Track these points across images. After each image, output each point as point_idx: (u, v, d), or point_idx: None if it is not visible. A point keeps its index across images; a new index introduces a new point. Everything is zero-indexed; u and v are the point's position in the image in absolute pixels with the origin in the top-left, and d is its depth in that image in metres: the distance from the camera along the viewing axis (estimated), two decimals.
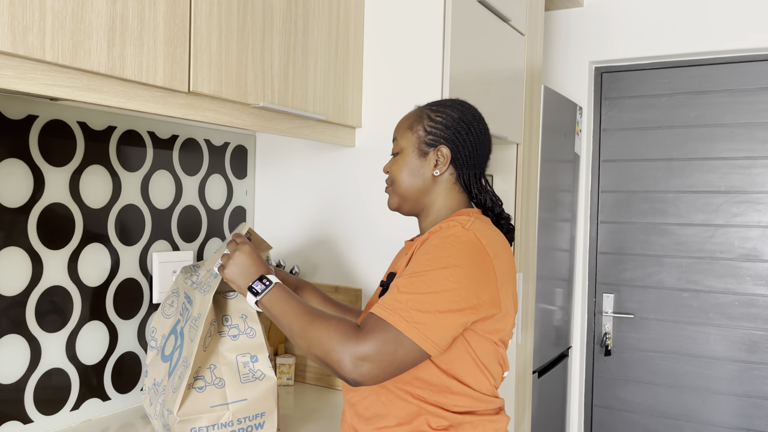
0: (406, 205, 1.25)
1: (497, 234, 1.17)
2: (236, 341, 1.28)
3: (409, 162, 1.23)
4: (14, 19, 0.92)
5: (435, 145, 1.21)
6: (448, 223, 1.14)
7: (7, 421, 1.32)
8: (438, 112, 1.23)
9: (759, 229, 2.71)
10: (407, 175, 1.23)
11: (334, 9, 1.64)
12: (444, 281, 1.03)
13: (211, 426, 1.24)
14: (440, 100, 1.28)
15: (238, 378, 1.27)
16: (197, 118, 1.27)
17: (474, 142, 1.22)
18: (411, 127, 1.24)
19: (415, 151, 1.22)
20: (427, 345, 1.02)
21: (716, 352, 2.77)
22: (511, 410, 2.23)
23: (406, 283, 1.05)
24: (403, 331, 1.01)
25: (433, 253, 1.07)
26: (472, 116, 1.24)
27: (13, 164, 1.31)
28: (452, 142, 1.21)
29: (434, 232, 1.14)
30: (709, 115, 2.80)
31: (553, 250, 2.65)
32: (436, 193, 1.23)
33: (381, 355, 1.00)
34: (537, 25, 2.33)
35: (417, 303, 1.02)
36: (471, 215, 1.17)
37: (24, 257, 1.34)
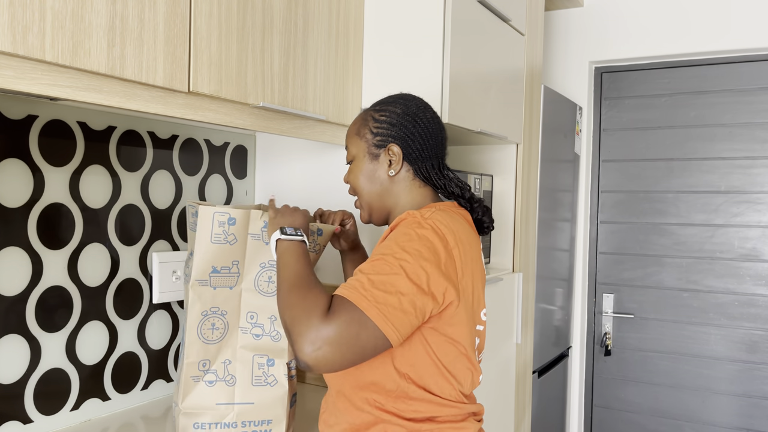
0: (375, 214, 1.25)
1: (461, 225, 1.14)
2: (259, 341, 1.26)
3: (364, 168, 1.22)
4: (14, 19, 0.92)
5: (384, 146, 1.20)
6: (409, 214, 1.11)
7: (7, 421, 1.32)
8: (381, 112, 1.22)
9: (759, 229, 2.71)
10: (365, 181, 1.22)
11: (334, 9, 1.64)
12: (403, 263, 1.01)
13: (214, 424, 1.22)
14: (382, 99, 1.27)
15: (250, 379, 1.24)
16: (197, 118, 1.27)
17: (423, 133, 1.20)
18: (358, 132, 1.23)
19: (366, 155, 1.22)
20: (388, 329, 0.97)
21: (716, 352, 2.77)
22: (511, 410, 2.23)
23: (367, 266, 1.03)
24: (365, 310, 0.96)
25: (393, 239, 1.06)
26: (416, 107, 1.22)
27: (13, 164, 1.31)
28: (401, 138, 1.19)
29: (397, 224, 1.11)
30: (709, 115, 2.80)
31: (553, 250, 2.65)
32: (396, 194, 1.22)
33: (343, 339, 0.95)
34: (537, 25, 2.33)
35: (378, 282, 0.99)
36: (433, 208, 1.14)
37: (24, 257, 1.34)
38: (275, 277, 1.26)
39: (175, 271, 1.65)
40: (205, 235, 1.21)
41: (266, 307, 1.28)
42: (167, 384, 1.68)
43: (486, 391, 1.97)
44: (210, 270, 1.23)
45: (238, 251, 1.25)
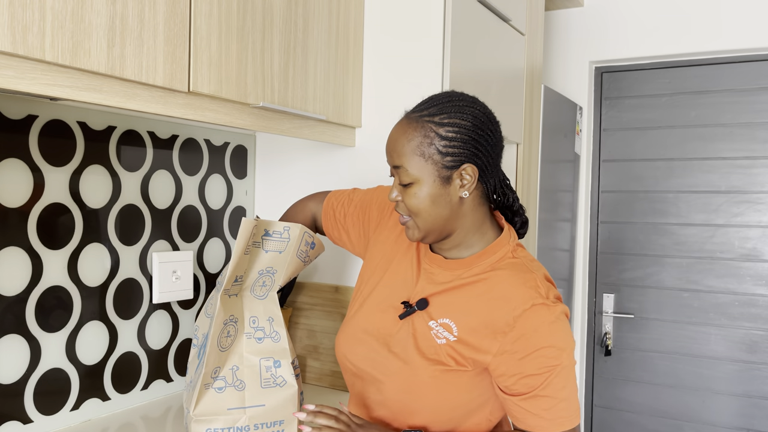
0: (432, 236, 1.11)
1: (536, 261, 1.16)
2: (261, 344, 1.27)
3: (431, 192, 1.06)
4: (14, 19, 0.92)
5: (457, 167, 1.05)
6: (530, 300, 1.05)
7: (7, 421, 1.32)
8: (448, 127, 1.05)
9: (759, 229, 2.71)
10: (431, 206, 1.06)
11: (334, 9, 1.64)
12: (569, 363, 1.07)
13: (227, 428, 1.23)
14: (434, 104, 1.09)
15: (259, 382, 1.25)
16: (197, 118, 1.27)
17: (495, 146, 1.08)
18: (422, 153, 1.05)
19: (435, 179, 1.05)
20: (578, 419, 1.09)
21: (716, 352, 2.77)
22: None
23: (556, 389, 1.05)
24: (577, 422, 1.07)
25: (550, 343, 1.05)
26: (485, 118, 1.08)
27: (13, 164, 1.31)
28: (474, 156, 1.05)
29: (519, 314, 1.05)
30: (709, 115, 2.79)
31: (553, 250, 2.65)
32: (463, 215, 1.10)
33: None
34: (537, 25, 2.33)
35: (572, 395, 1.06)
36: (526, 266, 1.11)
37: (24, 257, 1.34)
38: (269, 282, 1.29)
39: (175, 271, 1.65)
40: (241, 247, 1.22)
41: (263, 310, 1.30)
42: (167, 384, 1.68)
43: None
44: (234, 280, 1.26)
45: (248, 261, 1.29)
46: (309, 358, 1.83)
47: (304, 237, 1.29)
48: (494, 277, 1.08)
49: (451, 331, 1.08)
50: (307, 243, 1.31)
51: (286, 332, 1.29)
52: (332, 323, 1.79)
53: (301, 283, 1.85)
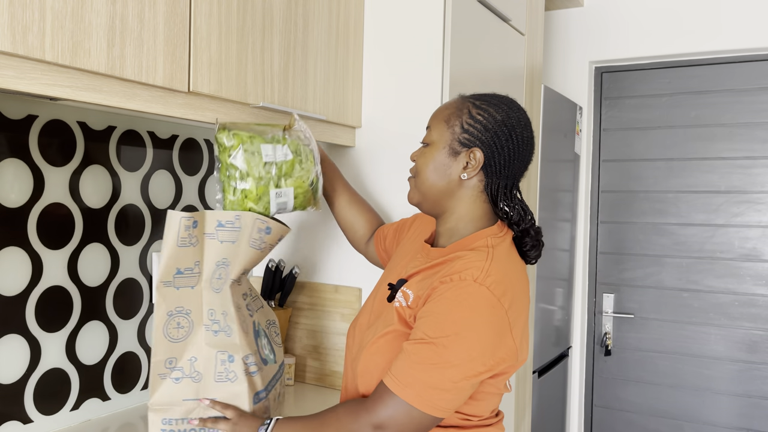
0: (426, 204, 1.17)
1: (514, 270, 1.09)
2: (217, 337, 1.28)
3: (437, 158, 1.12)
4: (14, 19, 0.92)
5: (469, 146, 1.10)
6: (461, 273, 1.03)
7: (7, 421, 1.32)
8: (480, 109, 1.11)
9: (759, 229, 2.71)
10: (432, 171, 1.13)
11: (334, 9, 1.64)
12: (458, 350, 0.98)
13: (181, 419, 1.25)
14: (487, 95, 1.15)
15: (213, 375, 1.27)
16: (197, 118, 1.27)
17: (512, 150, 1.11)
18: (447, 120, 1.13)
19: (446, 147, 1.12)
20: (442, 414, 1.01)
21: (716, 352, 2.77)
22: (511, 410, 2.23)
23: (417, 351, 1.00)
24: (419, 407, 0.99)
25: (444, 314, 1.01)
26: (516, 120, 1.12)
27: (13, 164, 1.31)
28: (488, 146, 1.10)
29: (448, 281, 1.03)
30: (709, 115, 2.80)
31: (553, 250, 2.65)
32: (458, 198, 1.14)
33: (399, 424, 1.00)
34: (537, 25, 2.33)
35: (431, 377, 0.99)
36: (490, 254, 1.06)
37: (24, 257, 1.34)
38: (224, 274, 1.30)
39: None
40: (171, 239, 1.24)
41: (220, 303, 1.30)
42: None
43: None
44: (174, 272, 1.27)
45: (199, 252, 1.29)
46: (309, 358, 1.83)
47: (255, 224, 1.27)
48: (455, 259, 1.08)
49: (407, 298, 1.11)
50: (260, 230, 1.29)
51: (238, 327, 1.28)
52: (332, 323, 1.79)
53: (301, 283, 1.85)
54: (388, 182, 1.74)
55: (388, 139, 1.73)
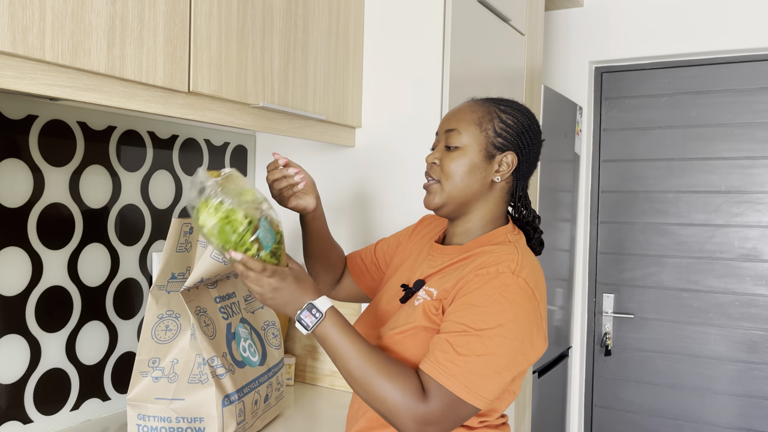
0: (450, 206, 1.15)
1: (538, 264, 1.12)
2: (193, 340, 1.29)
3: (471, 161, 1.12)
4: (14, 19, 0.92)
5: (503, 150, 1.13)
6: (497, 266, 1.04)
7: (7, 421, 1.32)
8: (509, 114, 1.15)
9: (759, 229, 2.71)
10: (466, 173, 1.13)
11: (334, 9, 1.64)
12: (501, 340, 0.99)
13: (154, 416, 1.27)
14: (505, 100, 1.19)
15: (188, 377, 1.28)
16: (197, 118, 1.27)
17: (535, 155, 1.18)
18: (479, 124, 1.13)
19: (482, 150, 1.13)
20: (486, 405, 1.01)
21: (716, 352, 2.77)
22: (511, 410, 2.23)
23: (462, 343, 1.00)
24: (466, 399, 0.99)
25: (486, 306, 1.01)
26: (537, 126, 1.19)
27: (13, 164, 1.31)
28: (520, 150, 1.14)
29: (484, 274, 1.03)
30: (709, 115, 2.79)
31: (553, 250, 2.65)
32: (486, 200, 1.16)
33: (445, 419, 0.99)
34: (537, 25, 2.33)
35: (476, 366, 0.99)
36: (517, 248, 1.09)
37: (24, 257, 1.34)
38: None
39: None
40: (171, 245, 1.27)
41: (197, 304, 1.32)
42: None
43: None
44: (169, 276, 1.30)
45: (191, 258, 1.32)
46: (309, 358, 1.83)
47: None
48: (482, 253, 1.10)
49: (431, 295, 1.11)
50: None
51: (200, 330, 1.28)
52: None
53: None
54: (388, 182, 1.74)
55: (388, 139, 1.73)
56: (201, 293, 1.33)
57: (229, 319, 1.38)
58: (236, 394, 1.30)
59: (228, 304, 1.40)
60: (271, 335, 1.49)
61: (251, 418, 1.36)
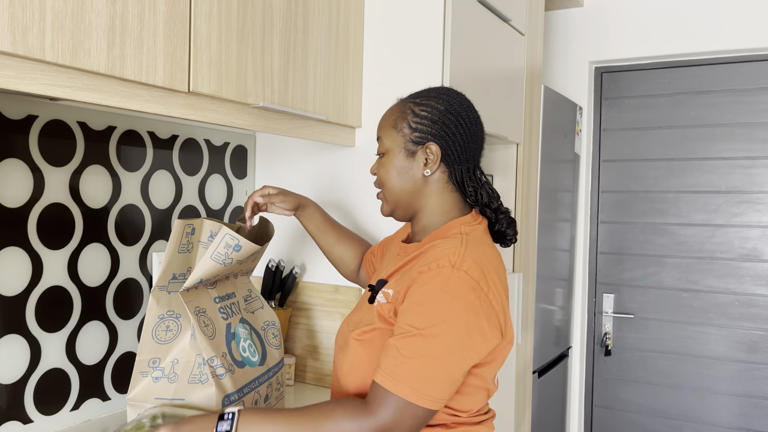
0: (399, 210, 1.19)
1: (489, 253, 1.09)
2: (194, 340, 1.29)
3: (397, 163, 1.15)
4: (14, 19, 0.92)
5: (423, 143, 1.13)
6: (438, 261, 1.03)
7: (7, 421, 1.32)
8: (422, 106, 1.14)
9: (759, 229, 2.71)
10: (396, 177, 1.15)
11: (334, 9, 1.64)
12: (447, 338, 0.98)
13: None
14: (423, 91, 1.19)
15: (188, 377, 1.28)
16: (197, 118, 1.27)
17: (465, 134, 1.13)
18: (395, 125, 1.15)
19: (402, 150, 1.14)
20: (439, 405, 1.00)
21: (716, 352, 2.77)
22: (511, 410, 2.23)
23: (406, 345, 1.00)
24: (417, 402, 0.98)
25: (427, 303, 1.01)
26: (459, 105, 1.14)
27: (13, 164, 1.31)
28: (441, 137, 1.12)
29: (426, 271, 1.03)
30: (709, 115, 2.80)
31: (553, 250, 2.65)
32: (427, 195, 1.15)
33: (400, 424, 0.98)
34: (537, 25, 2.33)
35: (422, 368, 0.98)
36: (463, 240, 1.08)
37: (24, 257, 1.34)
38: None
39: None
40: (173, 246, 1.27)
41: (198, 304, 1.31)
42: None
43: None
44: (170, 277, 1.30)
45: (193, 259, 1.32)
46: (309, 358, 1.83)
47: (224, 239, 1.28)
48: (430, 248, 1.09)
49: (387, 297, 1.11)
50: (228, 245, 1.29)
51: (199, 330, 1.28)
52: (332, 323, 1.79)
53: (301, 283, 1.85)
54: None
55: None
56: (200, 293, 1.33)
57: (229, 320, 1.38)
58: (236, 394, 1.30)
59: (228, 305, 1.40)
60: (271, 335, 1.49)
61: None
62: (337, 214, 1.81)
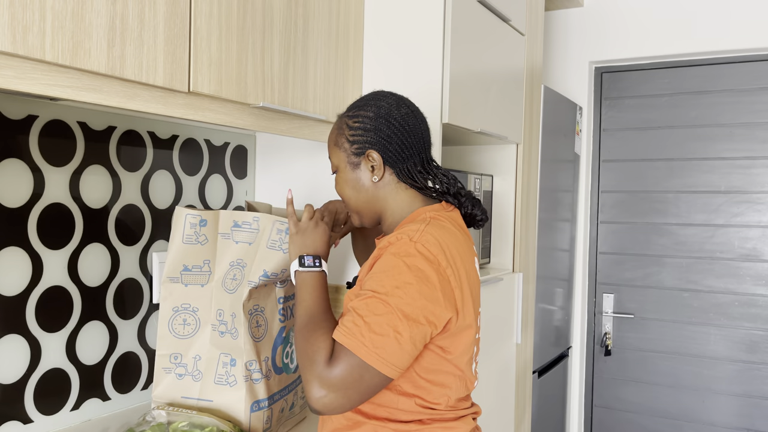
0: (366, 219, 1.22)
1: (451, 235, 1.12)
2: (223, 338, 1.28)
3: (347, 177, 1.20)
4: (14, 19, 0.92)
5: (362, 153, 1.17)
6: (398, 235, 1.08)
7: (7, 421, 1.32)
8: (354, 118, 1.18)
9: (759, 229, 2.71)
10: (351, 190, 1.20)
11: (334, 9, 1.64)
12: (398, 300, 1.01)
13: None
14: (355, 102, 1.23)
15: (213, 377, 1.27)
16: (197, 118, 1.27)
17: (399, 132, 1.16)
18: (336, 143, 1.20)
19: (348, 165, 1.19)
20: (387, 369, 1.00)
21: (716, 352, 2.77)
22: (511, 410, 2.23)
23: (361, 306, 1.03)
24: (364, 357, 0.99)
25: (385, 271, 1.04)
26: (388, 106, 1.17)
27: (13, 164, 1.31)
28: (377, 143, 1.16)
29: (387, 246, 1.08)
30: (709, 115, 2.80)
31: (553, 250, 2.65)
32: (384, 198, 1.19)
33: (347, 384, 0.99)
34: (537, 25, 2.33)
35: (375, 326, 1.00)
36: (425, 219, 1.12)
37: (24, 257, 1.34)
38: (239, 275, 1.29)
39: None
40: (177, 236, 1.26)
41: (230, 304, 1.30)
42: None
43: (486, 391, 1.97)
44: (181, 268, 1.27)
45: (209, 251, 1.29)
46: None
47: (275, 226, 1.27)
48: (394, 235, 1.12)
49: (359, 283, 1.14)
50: (279, 231, 1.29)
51: (246, 331, 1.27)
52: None
53: None
54: None
55: None
56: (269, 291, 1.31)
57: (285, 322, 1.37)
58: (267, 401, 1.29)
59: (290, 306, 1.38)
60: None
61: (276, 425, 1.35)
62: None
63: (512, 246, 2.23)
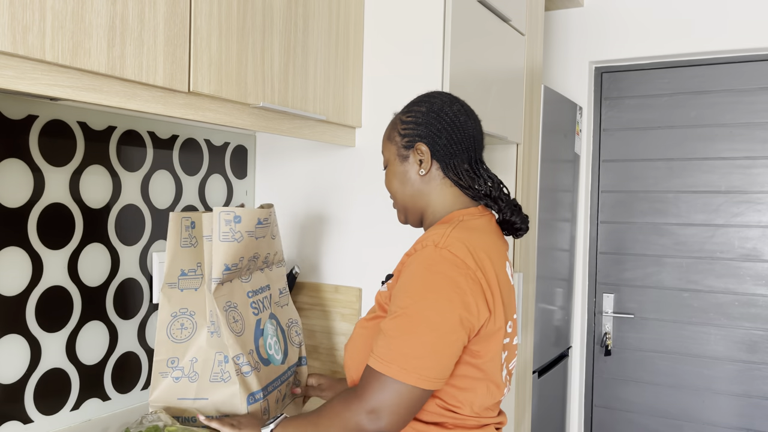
0: (410, 215, 1.23)
1: (480, 238, 1.11)
2: (212, 338, 1.29)
3: (396, 170, 1.21)
4: (14, 19, 0.92)
5: (412, 146, 1.19)
6: (424, 242, 1.08)
7: (7, 421, 1.32)
8: (408, 113, 1.21)
9: (759, 229, 2.71)
10: (398, 183, 1.22)
11: (334, 9, 1.64)
12: (427, 312, 1.01)
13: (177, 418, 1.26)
14: (411, 101, 1.25)
15: (209, 375, 1.27)
16: (197, 118, 1.27)
17: (449, 127, 1.17)
18: (389, 137, 1.23)
19: (397, 158, 1.21)
20: (430, 384, 1.01)
21: (716, 352, 2.77)
22: (511, 410, 2.23)
23: (392, 327, 1.02)
24: (405, 380, 0.99)
25: (411, 284, 1.04)
26: (441, 102, 1.20)
27: (13, 164, 1.31)
28: (427, 136, 1.17)
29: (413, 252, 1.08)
30: (709, 115, 2.79)
31: (553, 250, 2.65)
32: (428, 193, 1.20)
33: (391, 403, 1.00)
34: (537, 25, 2.33)
35: (408, 347, 1.00)
36: (452, 222, 1.12)
37: (24, 257, 1.34)
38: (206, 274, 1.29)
39: None
40: (174, 240, 1.27)
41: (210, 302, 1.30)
42: None
43: None
44: (179, 273, 1.28)
45: (199, 253, 1.29)
46: (309, 358, 1.83)
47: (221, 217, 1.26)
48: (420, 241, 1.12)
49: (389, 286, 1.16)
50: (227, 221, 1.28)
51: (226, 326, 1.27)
52: (332, 323, 1.79)
53: (301, 283, 1.85)
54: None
55: None
56: (234, 287, 1.32)
57: (259, 315, 1.37)
58: (261, 392, 1.30)
59: (260, 299, 1.39)
60: (294, 333, 1.49)
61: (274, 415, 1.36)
62: (337, 214, 1.81)
63: (512, 246, 2.23)
